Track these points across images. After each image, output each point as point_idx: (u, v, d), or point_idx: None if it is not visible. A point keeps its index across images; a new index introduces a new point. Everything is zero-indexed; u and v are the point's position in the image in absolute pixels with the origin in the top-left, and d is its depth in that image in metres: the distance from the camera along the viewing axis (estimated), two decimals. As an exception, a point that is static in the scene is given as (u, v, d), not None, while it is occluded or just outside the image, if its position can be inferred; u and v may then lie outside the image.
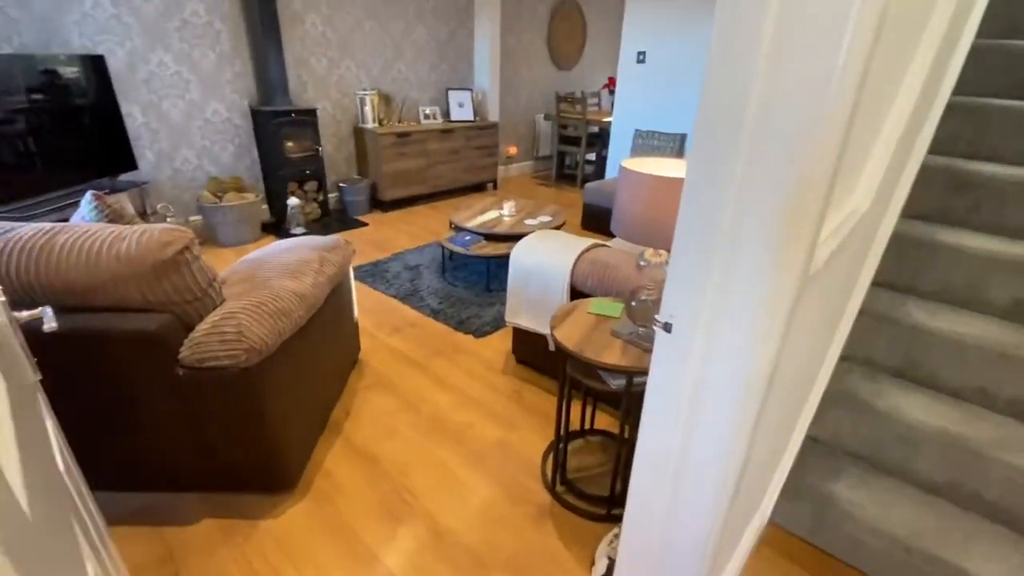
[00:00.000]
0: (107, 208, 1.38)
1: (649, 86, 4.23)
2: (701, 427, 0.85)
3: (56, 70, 2.76)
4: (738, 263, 0.70)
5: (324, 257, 1.80)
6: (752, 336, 0.73)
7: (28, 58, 2.64)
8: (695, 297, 0.77)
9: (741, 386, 0.77)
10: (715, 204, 0.69)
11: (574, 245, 1.97)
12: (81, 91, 2.90)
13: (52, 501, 0.67)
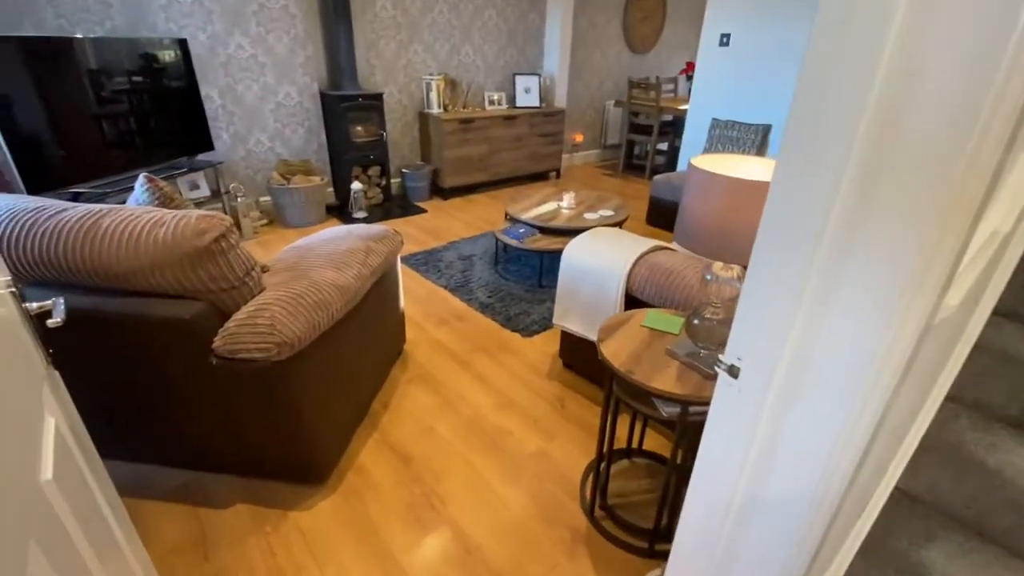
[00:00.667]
0: (158, 191, 1.39)
1: (731, 71, 3.87)
2: (771, 487, 0.69)
3: (145, 53, 2.91)
4: (837, 306, 0.54)
5: (371, 248, 1.76)
6: (846, 401, 0.56)
7: (121, 41, 2.79)
8: (773, 341, 0.61)
9: (823, 458, 0.60)
10: (808, 229, 0.53)
11: (633, 246, 1.80)
12: (167, 74, 3.05)
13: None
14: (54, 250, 1.15)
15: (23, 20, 2.75)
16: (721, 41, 3.87)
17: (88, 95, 2.63)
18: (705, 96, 4.11)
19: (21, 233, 1.16)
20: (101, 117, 2.72)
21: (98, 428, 1.52)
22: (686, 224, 1.08)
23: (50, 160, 2.49)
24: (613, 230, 1.99)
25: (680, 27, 6.52)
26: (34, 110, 2.40)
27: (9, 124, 2.30)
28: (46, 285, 1.23)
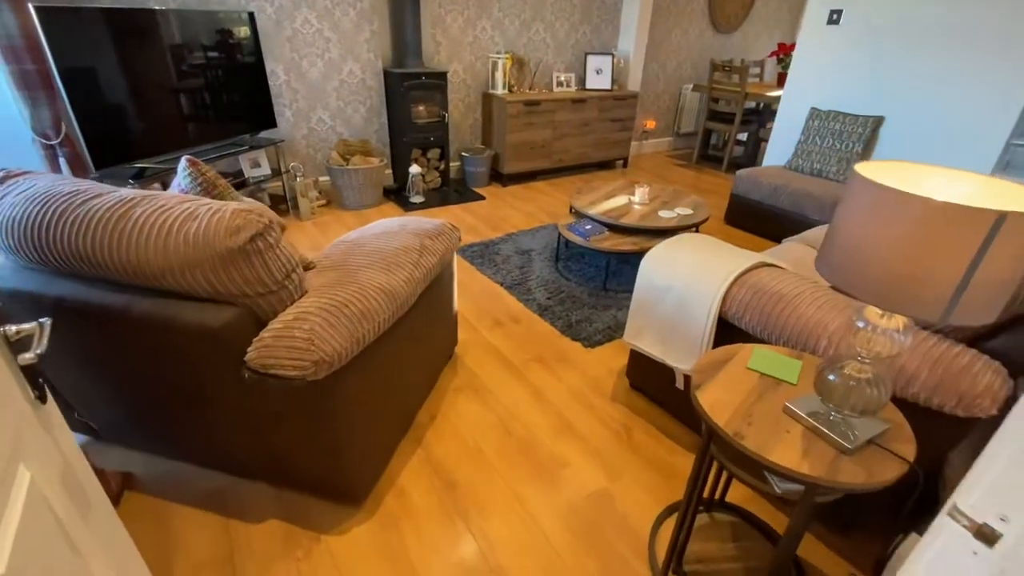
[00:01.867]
0: (200, 176, 1.25)
1: (839, 54, 3.38)
2: None
3: (213, 26, 2.85)
4: None
5: (425, 246, 1.57)
6: None
7: (188, 13, 2.74)
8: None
9: None
10: None
11: (728, 260, 1.51)
12: (234, 48, 2.98)
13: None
14: (83, 241, 1.03)
15: (99, -9, 2.74)
16: (830, 18, 3.37)
17: (155, 69, 2.60)
18: (803, 82, 3.63)
19: (53, 219, 1.05)
20: (168, 91, 2.69)
21: (128, 424, 1.45)
22: (838, 253, 0.80)
23: (116, 134, 2.47)
24: (701, 238, 1.71)
25: (773, 2, 5.89)
26: (103, 82, 2.38)
27: (80, 96, 2.28)
28: (78, 277, 1.13)
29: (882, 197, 0.71)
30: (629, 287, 2.69)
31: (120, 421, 1.44)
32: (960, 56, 2.86)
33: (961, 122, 2.93)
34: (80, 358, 1.24)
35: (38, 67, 2.30)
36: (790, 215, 3.29)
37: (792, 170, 3.56)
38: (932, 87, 3.00)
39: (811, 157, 3.48)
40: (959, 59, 2.87)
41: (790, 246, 2.22)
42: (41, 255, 1.09)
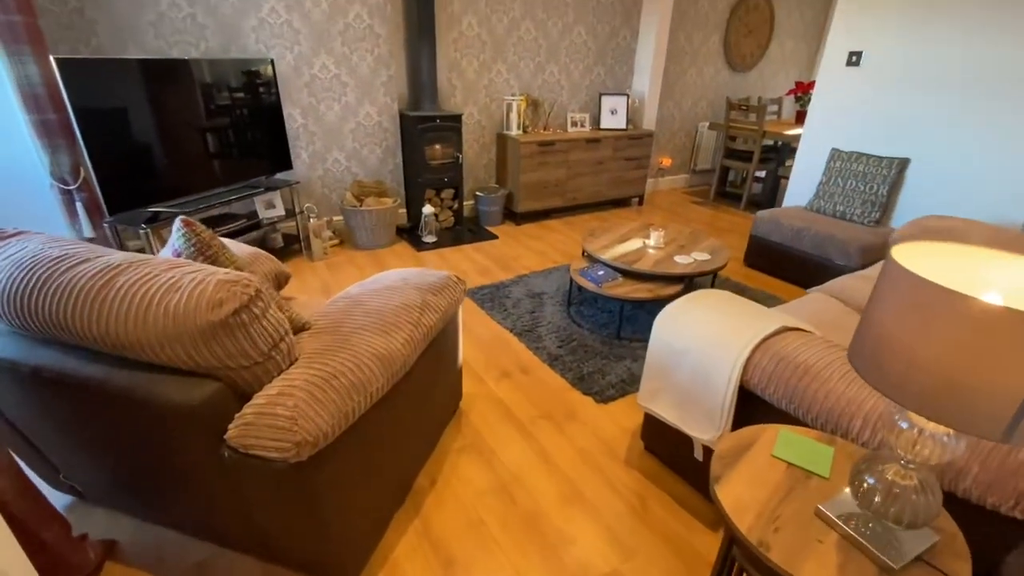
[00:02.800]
0: (194, 236, 1.22)
1: (860, 96, 3.31)
2: None
3: (235, 73, 2.93)
4: None
5: (427, 303, 1.51)
6: None
7: (212, 62, 2.81)
8: None
9: None
10: None
11: (749, 322, 1.41)
12: (253, 94, 3.05)
13: None
14: (64, 311, 0.99)
15: (128, 43, 2.84)
16: (850, 60, 3.32)
17: (172, 115, 2.65)
18: (823, 122, 3.56)
19: (36, 287, 1.01)
20: (184, 137, 2.74)
21: (112, 490, 1.39)
22: (876, 350, 0.71)
23: (132, 179, 2.51)
24: (719, 295, 1.61)
25: (789, 42, 5.90)
26: (120, 129, 2.42)
27: (96, 143, 2.33)
28: (60, 345, 1.09)
29: (928, 295, 0.62)
30: (643, 335, 2.58)
31: (104, 485, 1.37)
32: (983, 97, 2.77)
33: (991, 163, 2.81)
34: (61, 424, 1.18)
35: (58, 115, 2.36)
36: (813, 259, 3.16)
37: (814, 211, 3.45)
38: (959, 128, 2.90)
39: (834, 199, 3.37)
40: (982, 100, 2.77)
41: (816, 298, 2.11)
42: (23, 322, 1.05)
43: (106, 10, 2.73)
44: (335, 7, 3.32)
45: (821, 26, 6.14)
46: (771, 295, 3.14)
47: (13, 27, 2.16)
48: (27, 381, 1.09)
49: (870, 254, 2.97)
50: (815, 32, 6.11)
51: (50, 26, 2.63)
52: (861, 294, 2.09)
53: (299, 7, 3.21)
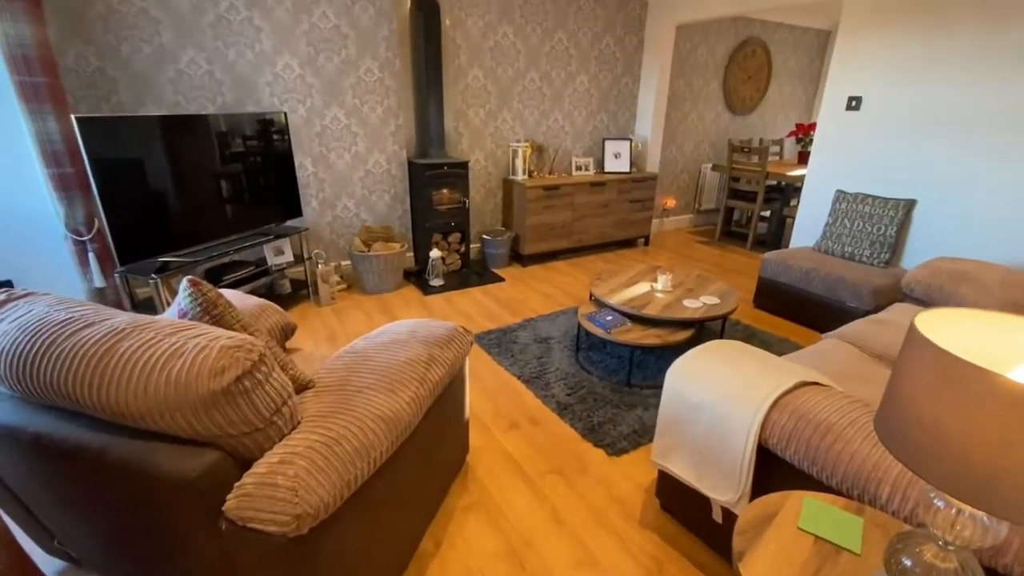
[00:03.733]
0: (200, 296, 1.21)
1: (862, 139, 3.35)
2: None
3: (249, 127, 3.02)
4: None
5: (433, 357, 1.48)
6: None
7: (230, 116, 2.90)
8: None
9: None
10: None
11: (765, 376, 1.37)
12: (266, 145, 3.13)
13: None
14: (66, 378, 0.97)
15: (146, 99, 2.95)
16: (849, 105, 3.38)
17: (185, 168, 2.72)
18: (826, 165, 3.59)
19: (39, 353, 1.00)
20: (196, 188, 2.80)
21: (106, 558, 1.33)
22: (904, 425, 0.67)
23: (143, 229, 2.54)
24: (732, 346, 1.57)
25: (787, 86, 6.05)
26: (133, 182, 2.48)
27: (111, 195, 2.37)
28: (61, 411, 1.06)
29: (955, 371, 0.59)
30: (654, 382, 2.53)
31: (98, 553, 1.32)
32: (987, 137, 2.79)
33: (1000, 203, 2.80)
34: (57, 491, 1.15)
35: (75, 169, 2.43)
36: (824, 301, 3.12)
37: (822, 252, 3.43)
38: (964, 169, 2.91)
39: (841, 240, 3.36)
40: (987, 140, 2.80)
41: (831, 344, 2.06)
42: (25, 388, 1.03)
43: (127, 69, 2.85)
44: (347, 62, 3.45)
45: (818, 70, 6.30)
46: (782, 338, 3.08)
47: (37, 88, 2.25)
48: (26, 448, 1.07)
49: (883, 295, 2.93)
50: (812, 75, 6.27)
51: (73, 84, 2.74)
52: (878, 340, 2.04)
53: (312, 63, 3.34)
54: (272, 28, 3.17)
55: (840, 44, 3.38)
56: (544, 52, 4.23)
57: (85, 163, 2.27)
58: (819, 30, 6.04)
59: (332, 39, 3.36)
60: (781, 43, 5.74)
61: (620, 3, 4.46)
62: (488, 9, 3.86)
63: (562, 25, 4.23)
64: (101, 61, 2.79)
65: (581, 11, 4.28)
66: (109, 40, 2.78)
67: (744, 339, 3.05)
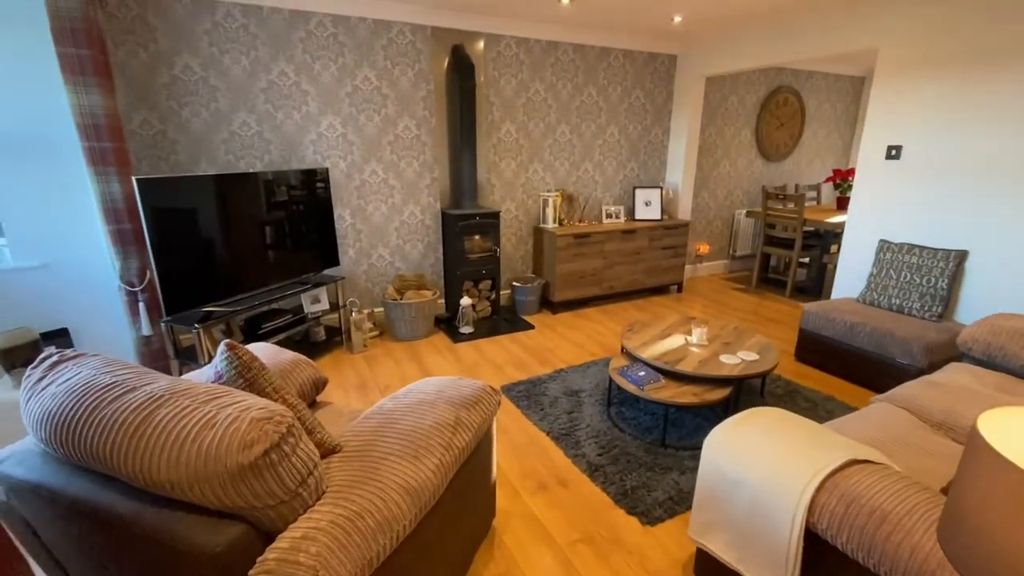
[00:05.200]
0: (236, 359, 1.25)
1: (905, 187, 3.25)
2: None
3: (294, 182, 3.19)
4: None
5: (460, 421, 1.46)
6: None
7: (276, 173, 3.08)
8: None
9: None
10: None
11: (812, 453, 1.28)
12: (308, 200, 3.29)
13: None
14: (104, 445, 1.00)
15: (201, 158, 3.17)
16: (889, 154, 3.30)
17: (233, 224, 2.87)
18: (867, 214, 3.49)
19: (82, 418, 1.04)
20: (242, 242, 2.94)
21: None
22: (973, 543, 0.60)
23: (190, 281, 2.67)
24: (773, 414, 1.49)
25: (822, 131, 5.99)
26: (184, 237, 2.62)
27: (163, 250, 2.51)
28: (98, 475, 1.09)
29: (1032, 487, 0.53)
30: (691, 443, 2.41)
31: (123, 616, 1.31)
32: (1045, 191, 2.66)
33: (1064, 259, 2.63)
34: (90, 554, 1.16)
35: (133, 225, 2.60)
36: (872, 356, 2.96)
37: (867, 304, 3.28)
38: (1018, 219, 2.76)
39: (887, 291, 3.21)
40: (1044, 193, 2.66)
41: (882, 409, 1.93)
42: (68, 452, 1.07)
43: (186, 131, 3.08)
44: (386, 120, 3.63)
45: (854, 115, 6.24)
46: (827, 396, 2.91)
47: (104, 152, 2.45)
48: (64, 510, 1.09)
49: (936, 352, 2.75)
50: (848, 120, 6.20)
51: (137, 146, 2.98)
52: (935, 405, 1.90)
53: (354, 122, 3.53)
54: (318, 91, 3.38)
55: (876, 93, 3.34)
56: (574, 106, 4.35)
57: (141, 220, 2.42)
58: (853, 76, 6.02)
59: (373, 99, 3.56)
60: (814, 90, 5.73)
61: (648, 58, 4.58)
62: (521, 68, 4.02)
63: (592, 80, 4.36)
64: (163, 124, 3.03)
65: (611, 67, 4.41)
66: (171, 106, 3.02)
67: (786, 396, 2.90)
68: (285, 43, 3.23)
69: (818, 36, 3.62)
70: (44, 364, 1.20)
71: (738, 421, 1.47)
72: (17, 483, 1.12)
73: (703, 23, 3.93)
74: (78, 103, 2.36)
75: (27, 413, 1.14)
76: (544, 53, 4.09)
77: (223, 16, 3.04)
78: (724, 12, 3.61)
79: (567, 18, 3.76)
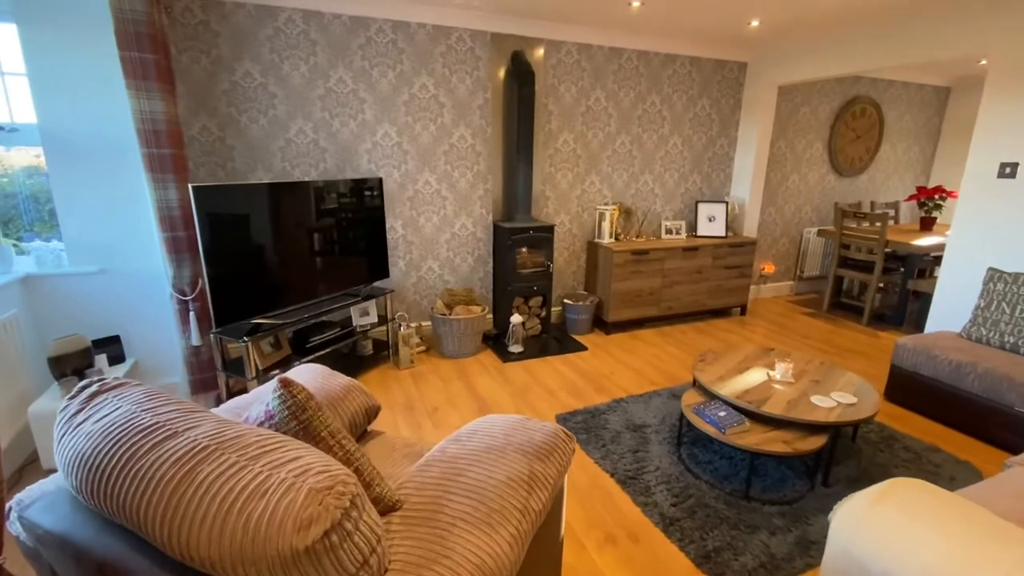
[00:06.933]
0: (291, 398, 1.09)
1: (1021, 210, 2.85)
2: None
3: (347, 192, 3.09)
4: None
5: (535, 475, 1.26)
6: None
7: (329, 183, 2.98)
8: None
9: None
10: None
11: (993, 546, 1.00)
12: (361, 210, 3.19)
13: None
14: (137, 502, 0.85)
15: (257, 165, 3.12)
16: (1002, 172, 2.91)
17: (287, 233, 2.78)
18: (973, 238, 3.09)
19: (118, 466, 0.89)
20: (295, 252, 2.85)
21: None
22: None
23: (241, 292, 2.59)
24: (923, 489, 1.21)
25: (901, 145, 5.52)
26: (237, 246, 2.54)
27: (215, 259, 2.44)
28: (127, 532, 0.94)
29: None
30: (778, 495, 2.12)
31: None
32: None
33: None
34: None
35: (188, 233, 2.54)
36: (982, 402, 2.58)
37: (973, 340, 2.88)
38: None
39: (999, 327, 2.80)
40: None
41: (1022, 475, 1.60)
42: (98, 504, 0.92)
43: (243, 138, 3.04)
44: (442, 129, 3.51)
45: (937, 128, 5.73)
46: (930, 446, 2.55)
47: (163, 159, 2.40)
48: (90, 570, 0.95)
49: (1070, 403, 2.35)
50: (930, 134, 5.70)
51: (195, 152, 2.95)
52: (1102, 480, 1.55)
53: (409, 130, 3.42)
54: (375, 99, 3.29)
55: (987, 104, 2.96)
56: (636, 115, 4.12)
57: (196, 228, 2.35)
58: (936, 87, 5.53)
59: (429, 108, 3.44)
60: (893, 100, 5.29)
61: (717, 65, 4.30)
62: (581, 75, 3.83)
63: (656, 88, 4.12)
64: (221, 131, 2.99)
65: (676, 75, 4.16)
66: (230, 112, 2.98)
67: (882, 443, 2.55)
68: (344, 49, 3.15)
69: (911, 40, 3.27)
70: (82, 396, 1.07)
71: (877, 497, 1.20)
72: (44, 534, 0.98)
73: (782, 27, 3.63)
74: (139, 108, 2.31)
75: (59, 452, 1.00)
76: (607, 60, 3.88)
77: (284, 22, 2.99)
78: (809, 14, 3.30)
79: (634, 22, 3.55)
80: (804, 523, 1.96)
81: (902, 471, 2.33)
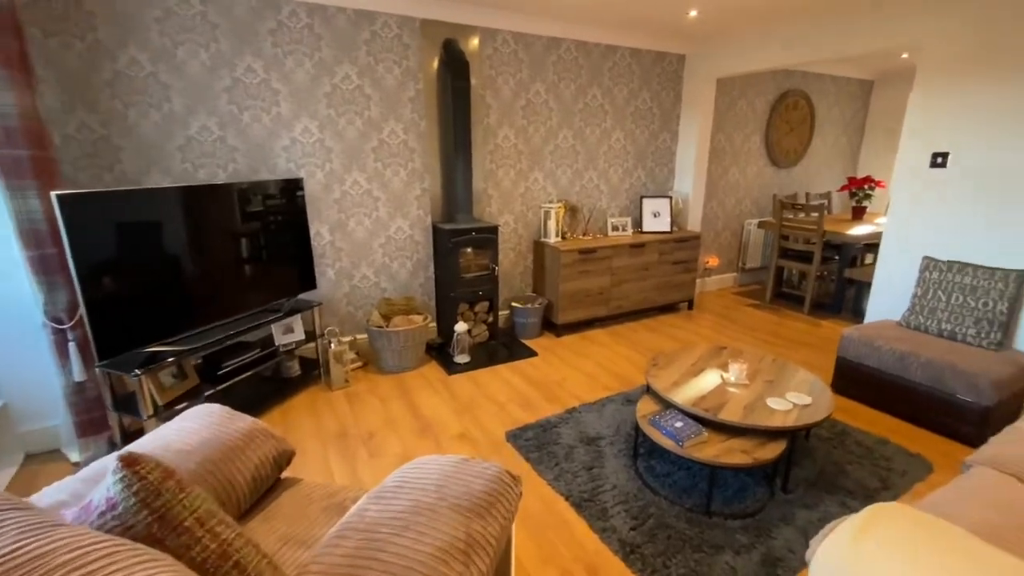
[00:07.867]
0: (138, 482, 0.81)
1: (955, 199, 2.91)
2: None
3: (262, 196, 2.73)
4: None
5: (474, 539, 1.04)
6: None
7: (242, 186, 2.61)
8: None
9: None
10: None
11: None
12: (277, 215, 2.84)
13: None
14: None
15: (152, 168, 2.71)
16: (934, 162, 2.97)
17: (187, 245, 2.41)
18: (907, 228, 3.14)
19: None
20: (193, 266, 2.47)
21: None
22: None
23: (129, 316, 2.20)
24: (906, 517, 1.09)
25: (830, 136, 5.70)
26: (118, 263, 2.16)
27: (90, 279, 2.05)
28: None
29: None
30: (739, 508, 2.01)
31: None
32: None
33: None
34: None
35: (58, 250, 2.13)
36: (927, 391, 2.60)
37: (912, 328, 2.93)
38: (1093, 237, 2.43)
39: (936, 315, 2.86)
40: None
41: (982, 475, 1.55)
42: None
43: (133, 137, 2.62)
44: (369, 124, 3.21)
45: (862, 120, 5.97)
46: (880, 438, 2.54)
47: (18, 162, 1.98)
48: None
49: (1006, 388, 2.40)
50: (857, 126, 5.93)
51: (74, 154, 2.51)
52: (1057, 476, 1.52)
53: (332, 125, 3.10)
54: (291, 91, 2.94)
55: (918, 95, 3.01)
56: (578, 109, 3.97)
57: (65, 243, 1.95)
58: (862, 80, 5.75)
59: (355, 100, 3.13)
60: (823, 93, 5.44)
61: (657, 57, 4.22)
62: (520, 67, 3.63)
63: (596, 81, 3.99)
64: (105, 129, 2.56)
65: (616, 67, 4.04)
66: (115, 106, 2.56)
67: (835, 439, 2.52)
68: (252, 35, 2.79)
69: (843, 33, 3.29)
70: None
71: (859, 531, 1.07)
72: None
73: (720, 19, 3.57)
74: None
75: None
76: (545, 50, 3.70)
77: (176, 2, 2.60)
78: (746, 5, 3.25)
79: (571, 10, 3.38)
80: (768, 537, 1.86)
81: (856, 468, 2.29)
